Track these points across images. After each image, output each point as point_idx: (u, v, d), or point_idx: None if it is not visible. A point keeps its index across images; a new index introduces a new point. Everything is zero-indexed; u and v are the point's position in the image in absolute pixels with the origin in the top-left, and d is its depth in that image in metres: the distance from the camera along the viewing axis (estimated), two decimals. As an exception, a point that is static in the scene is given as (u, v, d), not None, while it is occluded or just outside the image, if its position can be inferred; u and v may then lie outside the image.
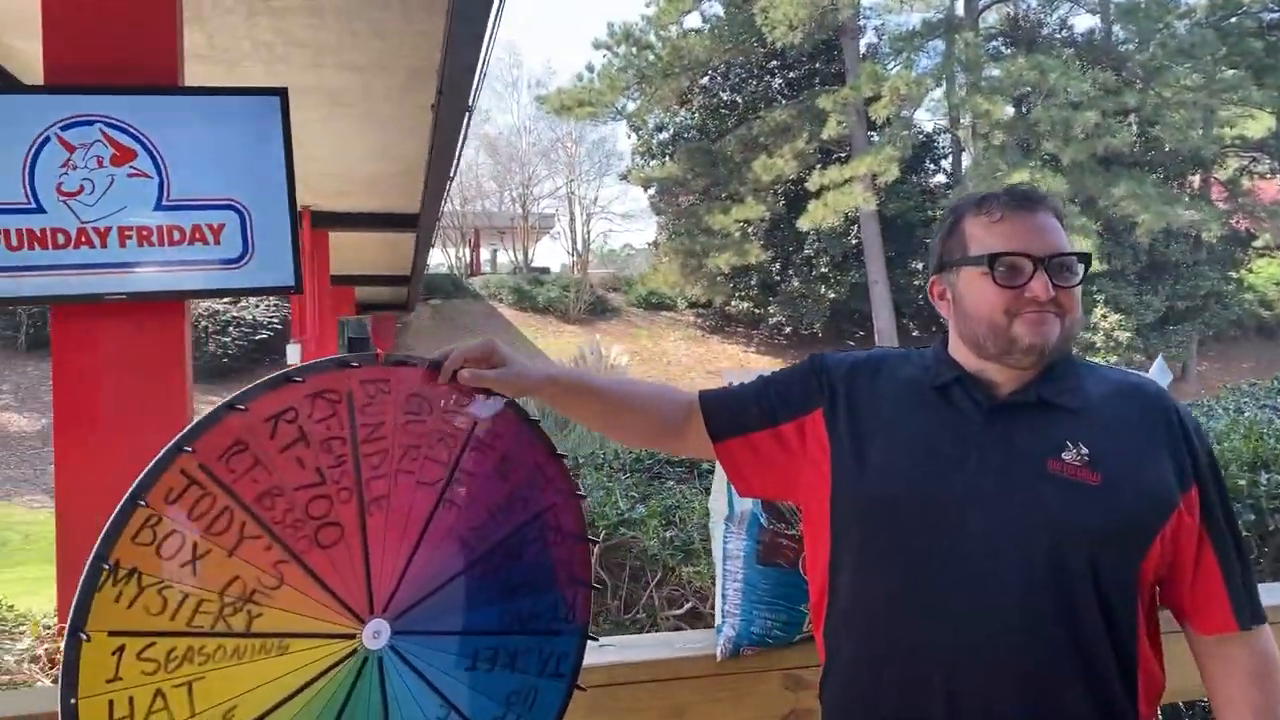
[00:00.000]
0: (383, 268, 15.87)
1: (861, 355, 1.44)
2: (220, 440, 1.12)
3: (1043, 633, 1.21)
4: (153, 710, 1.05)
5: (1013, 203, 1.30)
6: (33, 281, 3.56)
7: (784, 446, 1.40)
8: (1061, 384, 1.30)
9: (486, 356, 1.32)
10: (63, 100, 3.48)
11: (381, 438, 1.21)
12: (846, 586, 1.33)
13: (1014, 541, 1.22)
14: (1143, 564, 1.23)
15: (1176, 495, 1.25)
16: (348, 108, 7.26)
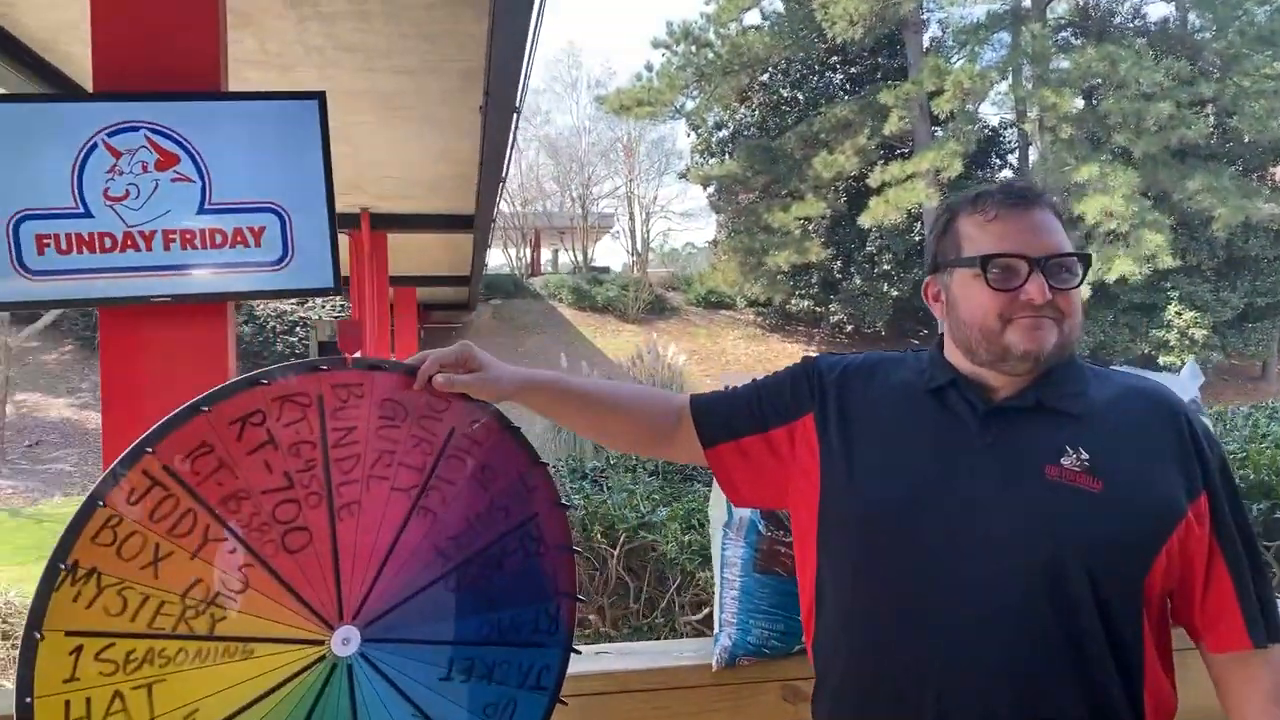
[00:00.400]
0: (443, 268, 16.03)
1: (856, 358, 1.39)
2: (185, 442, 1.11)
3: (1039, 649, 1.15)
4: (110, 712, 1.05)
5: (1008, 200, 1.24)
6: (83, 284, 3.66)
7: (774, 452, 1.35)
8: (1062, 388, 1.24)
9: (463, 361, 1.30)
10: (108, 108, 3.57)
11: (354, 443, 1.20)
12: (834, 599, 1.28)
13: (1009, 552, 1.16)
14: (1148, 576, 1.17)
15: (1184, 504, 1.18)
16: (401, 111, 7.34)
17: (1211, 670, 1.23)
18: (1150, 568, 1.16)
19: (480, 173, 8.29)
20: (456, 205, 10.45)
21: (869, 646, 1.23)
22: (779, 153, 23.50)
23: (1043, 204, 1.25)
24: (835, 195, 23.45)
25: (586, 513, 2.58)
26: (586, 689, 1.50)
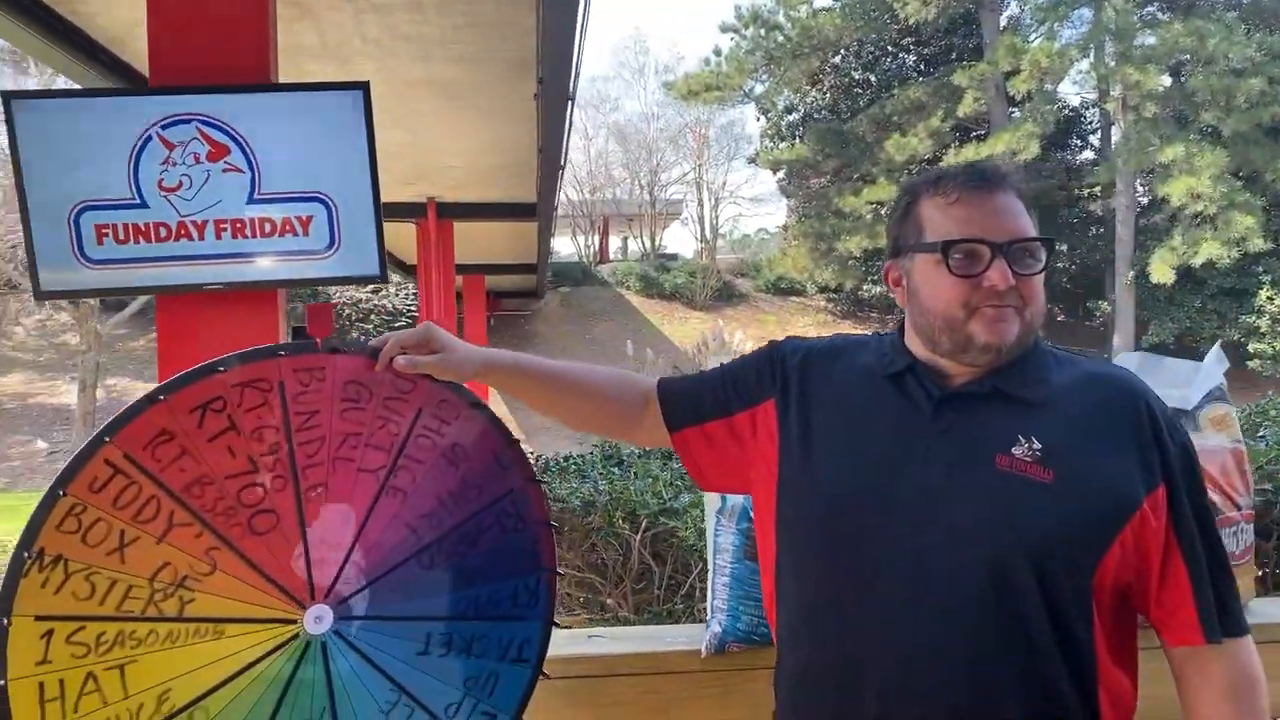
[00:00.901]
0: (510, 256, 16.20)
1: (821, 342, 1.37)
2: (145, 430, 1.14)
3: (984, 642, 1.12)
4: (84, 692, 1.09)
5: (970, 183, 1.20)
6: (140, 273, 3.79)
7: (736, 437, 1.34)
8: (1021, 375, 1.20)
9: (424, 343, 1.31)
10: (163, 101, 3.69)
11: (317, 426, 1.22)
12: (788, 589, 1.26)
13: (954, 543, 1.13)
14: (1098, 570, 1.12)
15: (1140, 494, 1.13)
16: (458, 100, 7.42)
17: (1171, 664, 1.18)
18: (1100, 561, 1.12)
19: (539, 160, 8.33)
20: (518, 193, 10.54)
21: (819, 635, 1.22)
22: (850, 136, 23.14)
23: (1006, 186, 1.21)
24: (909, 179, 23.00)
25: (610, 498, 2.59)
26: (575, 671, 1.50)
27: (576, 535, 2.67)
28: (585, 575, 2.65)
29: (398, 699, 1.26)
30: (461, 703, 1.30)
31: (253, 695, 1.18)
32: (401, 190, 10.37)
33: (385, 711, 1.26)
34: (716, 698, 1.52)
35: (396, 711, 1.26)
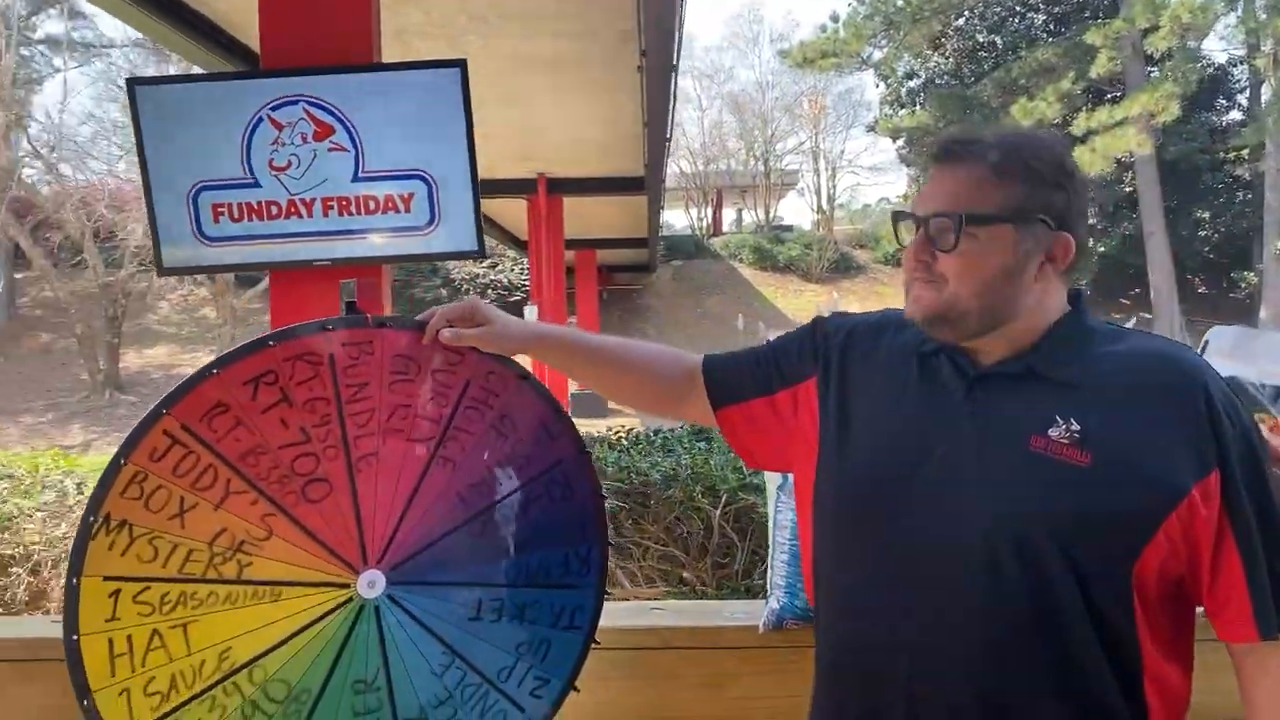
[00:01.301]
0: (621, 230, 16.29)
1: (866, 318, 1.32)
2: (201, 402, 1.20)
3: (1011, 632, 1.07)
4: (150, 648, 1.16)
5: (936, 154, 1.16)
6: (253, 250, 3.96)
7: (778, 416, 1.32)
8: (1059, 354, 1.14)
9: (469, 316, 1.32)
10: (272, 83, 3.83)
11: (367, 397, 1.25)
12: (821, 571, 1.24)
13: (981, 530, 1.08)
14: (1139, 560, 1.06)
15: (1188, 481, 1.05)
16: (564, 75, 7.47)
17: (1231, 656, 1.12)
18: (1142, 551, 1.05)
19: (645, 133, 8.33)
20: (627, 167, 10.57)
21: (848, 621, 1.20)
22: (974, 101, 22.31)
23: (963, 157, 1.14)
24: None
25: (692, 472, 2.59)
26: (631, 643, 1.51)
27: (661, 509, 2.68)
28: (667, 549, 2.66)
29: (451, 661, 1.30)
30: (514, 667, 1.33)
31: (309, 655, 1.23)
32: (512, 167, 10.53)
33: (439, 674, 1.29)
34: (773, 674, 1.51)
35: (450, 674, 1.30)
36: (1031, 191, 1.12)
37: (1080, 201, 1.14)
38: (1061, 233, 1.13)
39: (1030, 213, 1.12)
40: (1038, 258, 1.13)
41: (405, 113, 3.86)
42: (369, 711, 1.26)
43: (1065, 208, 1.13)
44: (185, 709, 1.17)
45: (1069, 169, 1.15)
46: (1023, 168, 1.12)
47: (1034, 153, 1.13)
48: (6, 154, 18.94)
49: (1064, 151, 1.16)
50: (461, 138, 3.87)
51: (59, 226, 18.61)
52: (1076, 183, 1.15)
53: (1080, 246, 1.15)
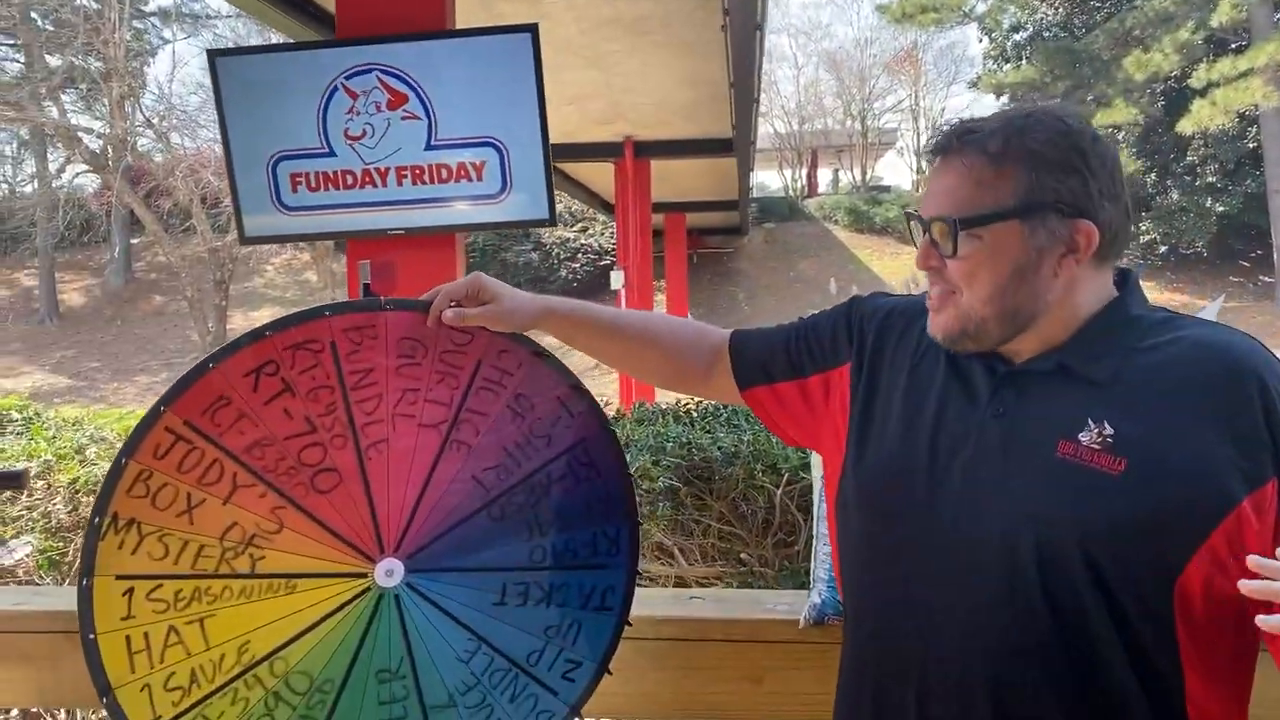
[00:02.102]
0: (711, 193, 16.09)
1: (902, 303, 1.23)
2: (202, 397, 1.18)
3: (1032, 647, 0.99)
4: (168, 644, 1.16)
5: (932, 148, 1.06)
6: (329, 219, 4.01)
7: (808, 400, 1.25)
8: (1096, 350, 1.03)
9: (474, 294, 1.26)
10: (346, 52, 3.84)
11: (373, 383, 1.22)
12: (846, 572, 1.18)
13: (1000, 540, 1.00)
14: (1181, 577, 0.95)
15: (1239, 490, 0.94)
16: (649, 35, 7.34)
17: None
18: (1184, 567, 0.95)
19: (731, 94, 8.16)
20: (715, 129, 10.39)
21: (866, 623, 1.14)
22: (1084, 54, 21.26)
23: (959, 150, 1.04)
24: (1150, 99, 20.94)
25: (753, 450, 2.52)
26: (666, 633, 1.46)
27: (724, 486, 2.62)
28: (730, 527, 2.60)
29: (477, 647, 1.27)
30: (544, 650, 1.30)
31: (330, 646, 1.21)
32: (598, 130, 10.46)
33: (465, 660, 1.27)
34: (815, 670, 1.44)
35: (476, 660, 1.27)
36: (1038, 179, 1.01)
37: (1104, 181, 1.02)
38: (1080, 220, 1.01)
39: (1039, 203, 1.01)
40: (1055, 250, 1.02)
41: (477, 79, 3.84)
42: (395, 700, 1.25)
43: (1082, 191, 1.01)
44: (207, 703, 1.17)
45: (1082, 147, 1.02)
46: (1025, 154, 1.01)
47: (1038, 134, 1.01)
48: (121, 124, 19.76)
49: (1076, 127, 1.03)
50: (533, 103, 3.82)
51: (169, 193, 19.36)
52: (1095, 160, 1.02)
53: (1110, 230, 1.03)
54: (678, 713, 1.48)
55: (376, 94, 3.84)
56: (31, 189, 25.17)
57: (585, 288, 21.60)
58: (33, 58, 20.74)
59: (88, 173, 22.37)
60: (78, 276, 25.75)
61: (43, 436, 3.23)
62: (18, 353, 22.15)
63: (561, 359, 1.34)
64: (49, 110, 20.43)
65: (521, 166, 3.88)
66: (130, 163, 19.55)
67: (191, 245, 20.33)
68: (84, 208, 23.92)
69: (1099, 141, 1.03)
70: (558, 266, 22.20)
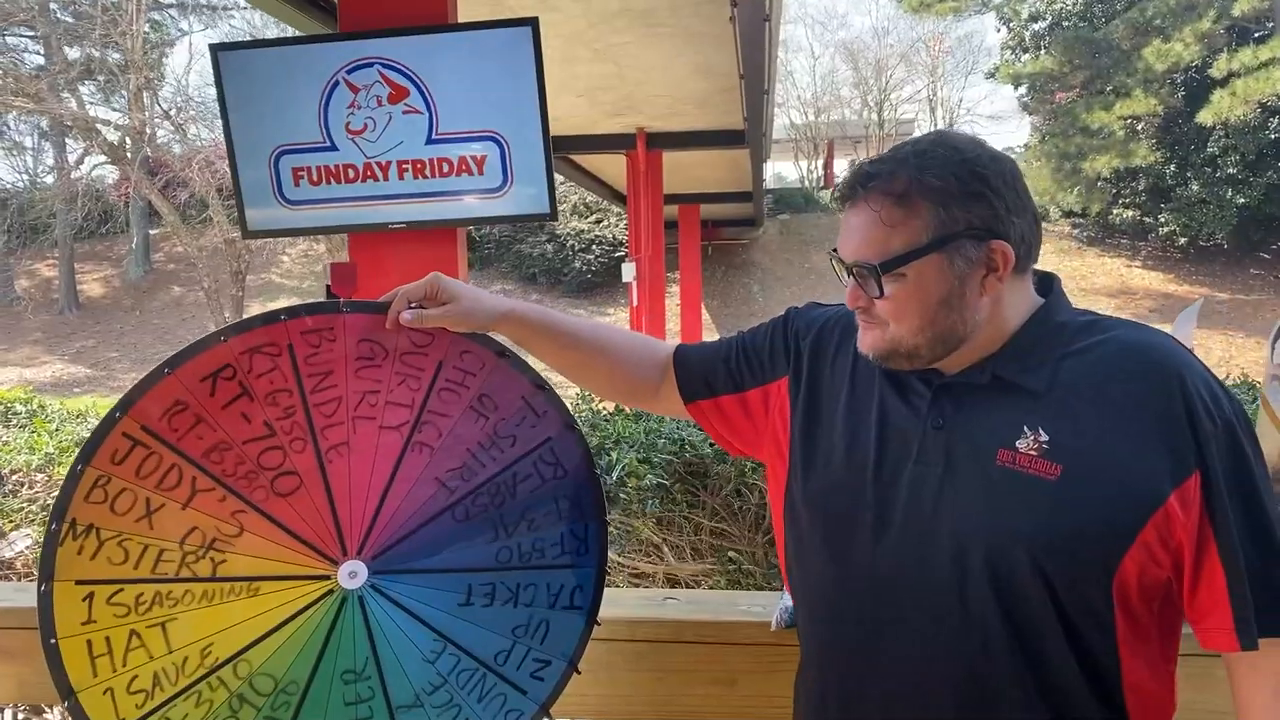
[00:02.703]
0: (724, 184, 16.03)
1: (835, 313, 1.25)
2: (159, 402, 1.17)
3: (984, 654, 1.02)
4: (130, 648, 1.16)
5: (840, 195, 1.10)
6: (332, 213, 4.02)
7: (748, 413, 1.27)
8: (1027, 359, 1.06)
9: (432, 294, 1.26)
10: (348, 46, 3.84)
11: (332, 386, 1.22)
12: (795, 585, 1.20)
13: (949, 550, 1.03)
14: (1118, 573, 0.99)
15: (1165, 488, 0.98)
16: (658, 26, 7.31)
17: (1224, 658, 1.04)
18: (1119, 564, 0.99)
19: (741, 85, 8.12)
20: (727, 120, 10.34)
21: (819, 640, 1.17)
22: (1103, 44, 21.03)
23: (866, 196, 1.06)
24: (1169, 90, 20.68)
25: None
26: (641, 635, 1.46)
27: (716, 483, 2.61)
28: (722, 525, 2.59)
29: (443, 648, 1.27)
30: (512, 650, 1.30)
31: (294, 648, 1.22)
32: (610, 122, 10.44)
33: (431, 661, 1.27)
34: (788, 674, 1.43)
35: (442, 660, 1.27)
36: (946, 212, 1.04)
37: (1008, 197, 1.05)
38: (993, 241, 1.04)
39: (951, 234, 1.04)
40: (977, 274, 1.05)
41: (477, 73, 3.83)
42: (361, 700, 1.25)
43: (989, 214, 1.04)
44: (171, 705, 1.18)
45: (980, 171, 1.04)
46: (929, 191, 1.04)
47: (936, 169, 1.04)
48: (139, 116, 19.87)
49: (970, 154, 1.05)
50: (533, 97, 3.81)
51: (185, 184, 19.45)
52: (996, 180, 1.05)
53: (1024, 243, 1.06)
54: (653, 715, 1.48)
55: (378, 88, 3.84)
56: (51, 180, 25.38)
57: (599, 280, 21.60)
58: (52, 50, 20.87)
59: (106, 164, 22.50)
60: (97, 267, 25.96)
61: (45, 429, 3.25)
62: (39, 342, 22.37)
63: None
64: (68, 102, 20.56)
65: (522, 160, 3.87)
66: (148, 154, 19.66)
67: (209, 236, 20.44)
68: (102, 199, 24.08)
69: (996, 160, 1.06)
70: (572, 258, 22.19)
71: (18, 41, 22.03)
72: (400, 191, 3.95)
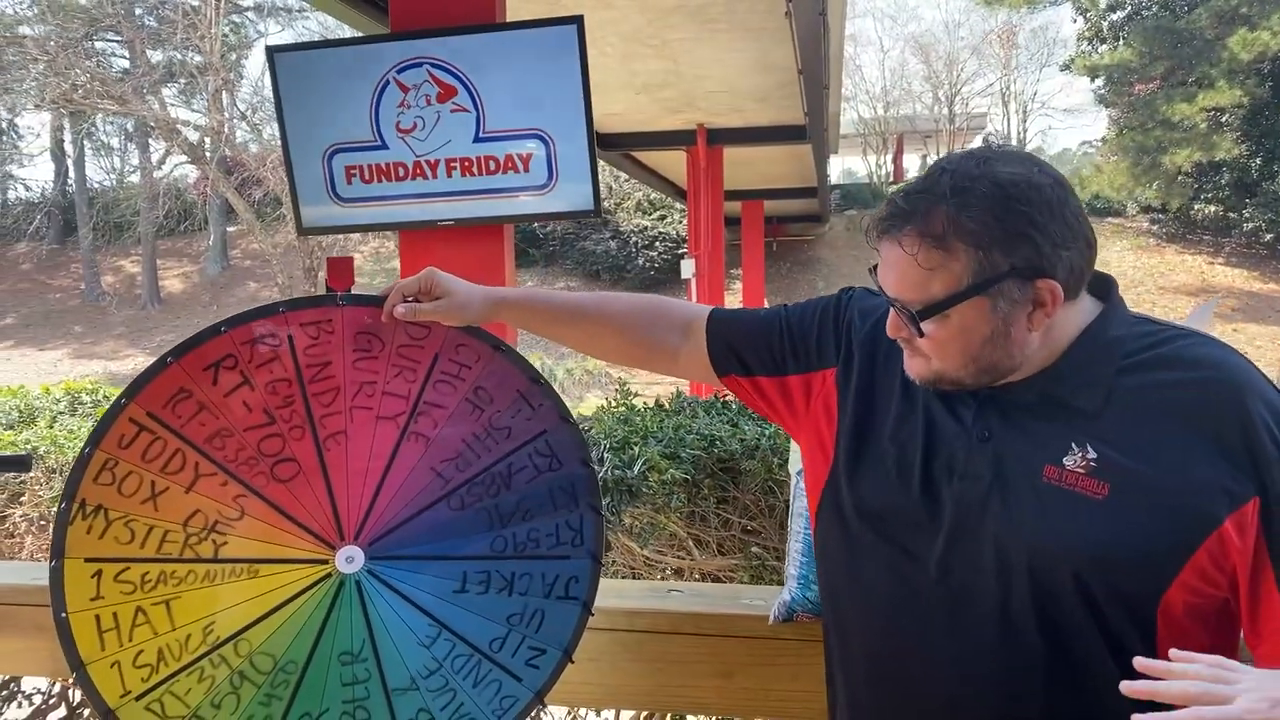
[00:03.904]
0: (788, 180, 15.92)
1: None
2: (164, 389, 1.23)
3: (1025, 675, 1.00)
4: (136, 624, 1.21)
5: (877, 228, 1.03)
6: (383, 210, 4.11)
7: (788, 399, 1.22)
8: (1076, 376, 1.02)
9: (427, 289, 1.27)
10: (399, 46, 3.93)
11: (330, 377, 1.25)
12: (824, 587, 1.18)
13: (991, 569, 1.00)
14: (1165, 596, 0.95)
15: (1220, 512, 0.93)
16: (715, 22, 7.30)
17: None
18: (1168, 586, 0.95)
19: (800, 80, 8.06)
20: (788, 116, 10.27)
21: (851, 650, 1.15)
22: (1185, 34, 20.35)
23: (903, 232, 1.00)
24: (1256, 80, 19.93)
25: (772, 444, 2.50)
26: (640, 625, 1.48)
27: (748, 479, 2.61)
28: (754, 521, 2.59)
29: (438, 633, 1.30)
30: (507, 637, 1.32)
31: (292, 629, 1.26)
32: (670, 119, 10.44)
33: (426, 645, 1.30)
34: (787, 668, 1.44)
35: (438, 645, 1.30)
36: (987, 256, 0.97)
37: (1055, 230, 0.97)
38: (1041, 280, 0.98)
39: (995, 277, 0.98)
40: (1023, 311, 1.00)
41: (524, 71, 3.88)
42: (358, 681, 1.29)
43: (1034, 254, 0.97)
44: (175, 680, 1.23)
45: (1024, 209, 0.97)
46: (967, 234, 0.97)
47: (976, 211, 0.96)
48: (218, 116, 20.49)
49: (1015, 185, 0.97)
50: (578, 95, 3.85)
51: (260, 182, 20.00)
52: (1042, 214, 0.97)
53: (1074, 273, 1.00)
54: (652, 705, 1.49)
55: (427, 87, 3.92)
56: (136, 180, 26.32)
57: (662, 276, 21.61)
58: (136, 54, 21.63)
59: (186, 164, 23.26)
60: (178, 263, 26.86)
61: (106, 418, 3.38)
62: (122, 336, 23.24)
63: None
64: (151, 104, 21.29)
65: (568, 157, 3.91)
66: (226, 154, 20.26)
67: (282, 234, 20.98)
68: (183, 197, 24.90)
69: (1040, 189, 0.98)
70: (635, 255, 22.25)
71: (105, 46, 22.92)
72: (448, 189, 4.02)
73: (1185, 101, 19.83)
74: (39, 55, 19.06)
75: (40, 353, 22.52)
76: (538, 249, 23.81)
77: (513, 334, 3.67)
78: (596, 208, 3.95)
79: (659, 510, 2.46)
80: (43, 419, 3.33)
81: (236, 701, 1.24)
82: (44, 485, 2.97)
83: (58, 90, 19.01)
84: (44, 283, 26.46)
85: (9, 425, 3.28)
